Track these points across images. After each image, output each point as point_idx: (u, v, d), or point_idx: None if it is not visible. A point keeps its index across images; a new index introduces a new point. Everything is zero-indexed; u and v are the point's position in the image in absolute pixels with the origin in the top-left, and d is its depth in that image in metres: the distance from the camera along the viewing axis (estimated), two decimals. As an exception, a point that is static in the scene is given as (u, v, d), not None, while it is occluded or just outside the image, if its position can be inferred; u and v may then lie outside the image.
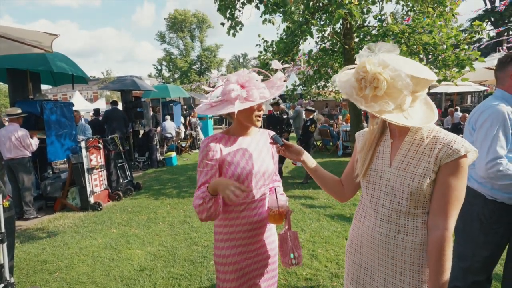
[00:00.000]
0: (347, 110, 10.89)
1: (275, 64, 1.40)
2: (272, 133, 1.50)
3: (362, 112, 6.75)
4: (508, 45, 11.19)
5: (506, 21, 21.09)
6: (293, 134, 9.13)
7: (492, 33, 11.62)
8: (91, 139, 5.12)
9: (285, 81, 1.43)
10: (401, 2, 6.25)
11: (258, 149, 1.46)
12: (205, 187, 1.29)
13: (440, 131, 1.06)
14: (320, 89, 8.20)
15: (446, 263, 0.99)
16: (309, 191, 5.32)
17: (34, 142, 4.77)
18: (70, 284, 2.79)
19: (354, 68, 1.06)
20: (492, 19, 20.43)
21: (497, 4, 17.89)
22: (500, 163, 1.55)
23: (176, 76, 41.66)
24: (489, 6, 19.92)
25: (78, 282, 2.81)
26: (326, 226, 3.77)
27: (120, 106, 8.35)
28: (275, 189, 1.53)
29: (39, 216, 4.72)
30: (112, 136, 5.90)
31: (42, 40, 2.94)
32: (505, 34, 11.10)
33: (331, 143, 9.56)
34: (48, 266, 3.14)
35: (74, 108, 6.30)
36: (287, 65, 1.84)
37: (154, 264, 3.06)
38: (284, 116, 6.41)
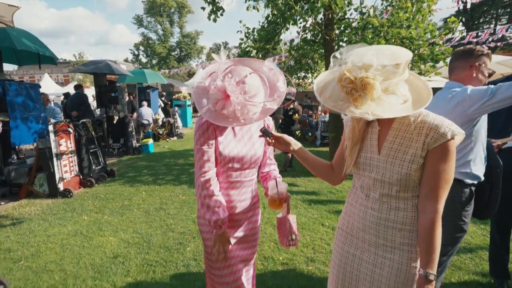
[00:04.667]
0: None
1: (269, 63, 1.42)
2: (269, 119, 1.53)
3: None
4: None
5: (476, 22, 22.16)
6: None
7: (463, 33, 12.14)
8: (59, 123, 4.83)
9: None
10: (382, -4, 6.34)
11: (250, 133, 1.52)
12: (218, 225, 1.38)
13: (427, 115, 1.06)
14: (300, 80, 8.23)
15: (436, 242, 1.02)
16: (288, 179, 5.37)
17: (-4, 124, 4.42)
18: (36, 272, 2.65)
19: (325, 80, 1.07)
20: (463, 20, 21.38)
21: (468, 6, 18.68)
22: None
23: (154, 62, 40.26)
24: (461, 7, 20.81)
25: (45, 271, 2.67)
26: (303, 212, 3.83)
27: (92, 90, 7.95)
28: (275, 178, 1.59)
29: (2, 203, 4.43)
30: (84, 120, 5.61)
31: (1, 13, 2.69)
32: (475, 35, 11.64)
33: (309, 133, 9.70)
34: (12, 255, 2.96)
35: (42, 91, 5.92)
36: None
37: (127, 251, 2.97)
38: (290, 113, 6.34)
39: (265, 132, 1.31)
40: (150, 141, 8.31)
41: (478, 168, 1.73)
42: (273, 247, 2.98)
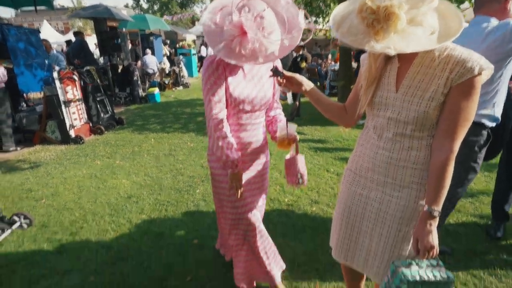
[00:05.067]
0: (336, 50, 10.52)
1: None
2: (277, 61, 1.47)
3: (352, 52, 6.52)
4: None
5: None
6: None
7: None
8: (64, 70, 4.76)
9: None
10: None
11: (260, 75, 1.47)
12: (234, 164, 1.40)
13: (454, 49, 0.97)
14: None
15: (446, 181, 1.00)
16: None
17: (1, 71, 4.39)
18: (57, 209, 2.85)
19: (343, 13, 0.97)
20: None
21: None
22: None
23: (156, 8, 38.02)
24: None
25: (65, 208, 2.87)
26: (309, 159, 3.89)
27: (94, 38, 7.67)
28: (286, 120, 1.57)
29: (18, 148, 4.60)
30: (88, 68, 5.51)
31: None
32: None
33: (318, 83, 9.43)
34: (33, 194, 3.16)
35: (42, 37, 5.73)
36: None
37: (140, 193, 3.14)
38: (298, 60, 6.07)
39: (276, 72, 1.26)
40: (156, 90, 8.22)
41: (499, 110, 1.68)
42: (278, 190, 3.10)
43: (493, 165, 3.13)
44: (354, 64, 7.33)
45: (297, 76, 1.26)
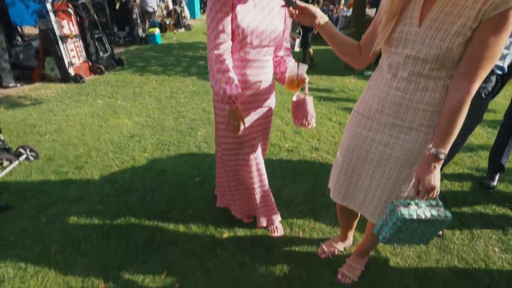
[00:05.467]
0: (351, -7, 9.71)
1: None
2: None
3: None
4: None
5: None
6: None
7: None
8: (58, 2, 4.45)
9: None
10: None
11: (271, 6, 1.37)
12: (232, 100, 1.33)
13: None
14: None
15: (457, 124, 0.98)
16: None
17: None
18: (62, 144, 2.90)
19: None
20: None
21: None
22: None
23: None
24: None
25: (69, 144, 2.92)
26: (312, 108, 3.84)
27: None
28: (298, 60, 1.49)
29: (18, 85, 4.53)
30: (83, 1, 5.15)
31: None
32: None
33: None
34: (37, 129, 3.20)
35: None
36: None
37: (143, 132, 3.16)
38: (309, 1, 5.63)
39: (288, 2, 1.15)
40: (157, 30, 7.82)
41: (508, 61, 1.65)
42: (279, 136, 3.11)
43: (498, 122, 3.10)
44: (369, 11, 6.82)
45: (311, 7, 1.16)
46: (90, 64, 5.06)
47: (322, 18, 1.18)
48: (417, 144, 1.09)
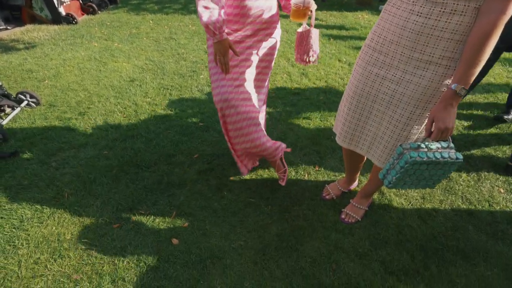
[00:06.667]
0: None
1: None
2: None
3: None
4: None
5: None
6: None
7: None
8: None
9: None
10: None
11: None
12: (215, 28, 1.18)
13: None
14: None
15: (484, 56, 0.87)
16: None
17: None
18: (62, 90, 2.83)
19: None
20: None
21: None
22: None
23: None
24: None
25: (69, 89, 2.84)
26: (321, 48, 3.60)
27: None
28: None
29: (8, 28, 4.28)
30: None
31: None
32: None
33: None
34: (35, 75, 3.09)
35: None
36: None
37: (143, 76, 3.05)
38: None
39: None
40: (150, -38, 7.04)
41: None
42: (285, 78, 2.97)
43: (522, 58, 2.88)
44: None
45: None
46: (81, 2, 4.69)
47: None
48: (435, 81, 1.00)
